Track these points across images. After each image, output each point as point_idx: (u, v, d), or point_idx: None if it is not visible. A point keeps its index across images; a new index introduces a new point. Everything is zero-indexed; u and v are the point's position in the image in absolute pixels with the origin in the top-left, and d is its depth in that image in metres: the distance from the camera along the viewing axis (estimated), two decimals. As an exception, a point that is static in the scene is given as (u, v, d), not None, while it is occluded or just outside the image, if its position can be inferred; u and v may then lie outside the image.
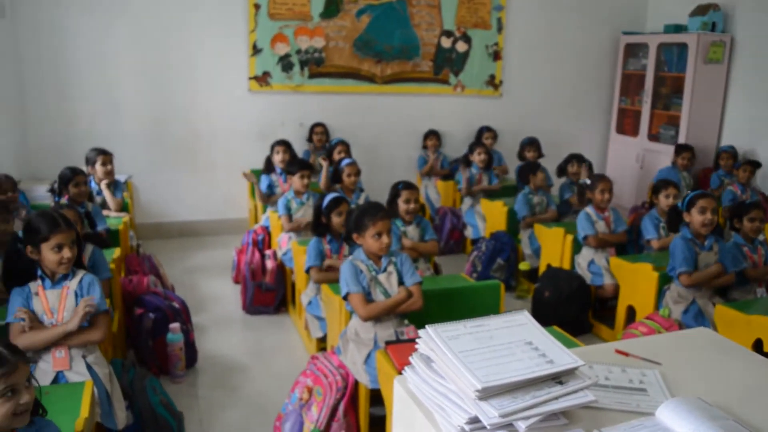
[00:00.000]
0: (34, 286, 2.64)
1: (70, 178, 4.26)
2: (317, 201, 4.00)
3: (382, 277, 2.99)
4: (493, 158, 6.56)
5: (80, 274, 2.71)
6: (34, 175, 5.71)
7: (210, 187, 6.67)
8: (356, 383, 2.90)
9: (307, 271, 3.82)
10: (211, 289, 5.10)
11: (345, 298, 2.98)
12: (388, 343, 2.56)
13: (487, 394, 1.39)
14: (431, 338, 1.54)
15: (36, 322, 2.60)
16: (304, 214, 4.71)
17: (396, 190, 4.07)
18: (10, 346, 1.77)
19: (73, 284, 2.67)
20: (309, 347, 4.03)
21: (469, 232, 6.01)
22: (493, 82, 7.39)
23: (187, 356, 3.74)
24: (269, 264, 4.59)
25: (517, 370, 1.44)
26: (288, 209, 4.74)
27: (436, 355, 1.51)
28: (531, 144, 6.50)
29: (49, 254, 2.59)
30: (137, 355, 3.79)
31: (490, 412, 1.37)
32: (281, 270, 4.65)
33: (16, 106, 5.74)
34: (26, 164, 5.81)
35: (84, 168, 4.69)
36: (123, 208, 5.09)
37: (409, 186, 4.06)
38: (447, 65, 7.17)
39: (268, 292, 4.57)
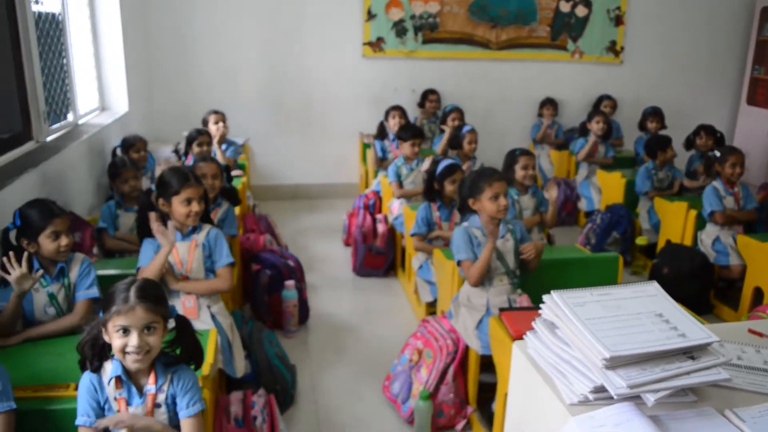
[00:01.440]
0: (166, 238, 2.80)
1: (195, 137, 4.47)
2: (431, 166, 3.99)
3: (498, 242, 2.94)
4: (612, 128, 6.30)
5: (207, 228, 2.85)
6: (159, 137, 6.01)
7: (322, 152, 6.81)
8: (466, 348, 2.90)
9: (412, 235, 3.85)
10: (321, 251, 5.23)
11: (459, 264, 2.97)
12: (502, 309, 2.53)
13: (615, 363, 1.36)
14: (556, 304, 1.51)
15: (170, 270, 2.76)
16: (414, 180, 4.73)
17: (513, 156, 3.98)
18: (140, 289, 1.84)
19: (200, 237, 2.81)
20: (417, 311, 4.07)
21: (582, 204, 5.83)
22: (613, 49, 7.07)
23: (300, 313, 3.87)
24: (380, 228, 4.65)
25: (646, 342, 1.40)
26: (398, 175, 4.76)
27: (561, 322, 1.49)
28: (654, 114, 6.18)
29: (179, 207, 2.74)
30: (253, 309, 3.95)
31: (617, 382, 1.33)
32: (392, 234, 4.69)
33: (144, 73, 6.06)
34: (152, 127, 6.13)
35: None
36: (239, 168, 5.28)
37: (526, 152, 3.98)
38: (565, 30, 6.91)
39: (378, 256, 4.63)
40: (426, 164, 4.62)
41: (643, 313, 1.50)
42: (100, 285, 2.60)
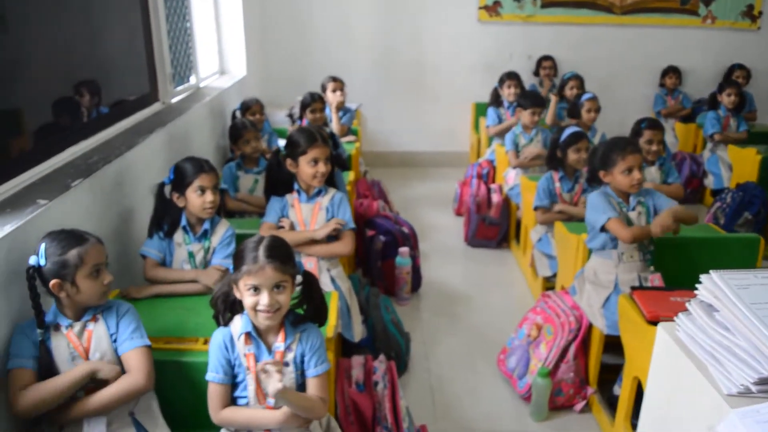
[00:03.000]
0: (291, 198, 2.84)
1: (309, 103, 4.48)
2: (554, 134, 3.83)
3: (632, 214, 2.77)
4: (745, 100, 5.84)
5: (332, 191, 2.87)
6: (273, 102, 6.09)
7: (433, 119, 6.74)
8: (590, 326, 2.78)
9: (535, 209, 3.72)
10: (432, 219, 5.19)
11: (602, 228, 2.75)
12: (633, 288, 2.39)
13: (787, 354, 1.24)
14: (717, 285, 1.40)
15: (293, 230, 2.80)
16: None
17: (638, 128, 3.76)
18: (269, 248, 1.84)
19: (324, 200, 2.83)
20: (532, 285, 3.96)
21: (709, 182, 5.46)
22: (750, 14, 6.53)
23: (413, 280, 3.85)
24: (495, 198, 4.54)
25: (823, 332, 1.26)
26: (515, 144, 4.62)
27: (722, 305, 1.37)
28: (796, 85, 5.69)
29: (306, 167, 2.75)
30: (365, 274, 3.96)
31: (791, 375, 1.21)
32: (506, 205, 4.57)
33: (259, 38, 6.17)
34: (267, 91, 6.23)
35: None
36: (353, 134, 5.29)
37: (653, 125, 3.74)
38: (698, -7, 6.46)
39: (491, 226, 4.54)
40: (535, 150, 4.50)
41: (817, 300, 1.36)
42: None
